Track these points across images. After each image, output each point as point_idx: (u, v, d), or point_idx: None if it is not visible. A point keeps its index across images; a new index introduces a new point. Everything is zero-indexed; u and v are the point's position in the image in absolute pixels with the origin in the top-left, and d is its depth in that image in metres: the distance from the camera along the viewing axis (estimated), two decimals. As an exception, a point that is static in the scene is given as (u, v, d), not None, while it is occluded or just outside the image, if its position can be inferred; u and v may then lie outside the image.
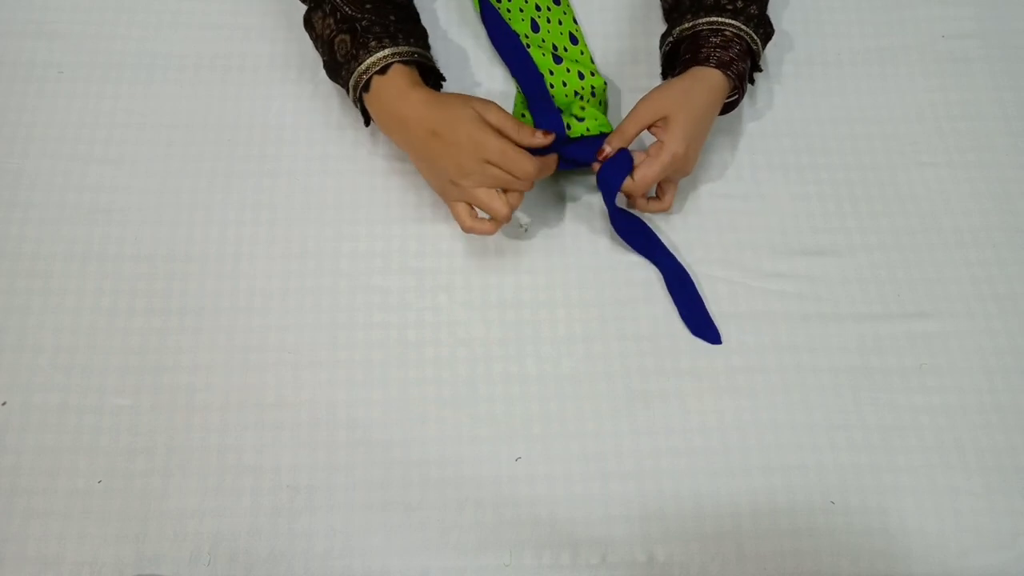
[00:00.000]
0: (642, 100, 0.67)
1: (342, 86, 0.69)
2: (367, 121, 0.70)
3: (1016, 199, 0.74)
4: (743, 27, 0.68)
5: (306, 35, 0.75)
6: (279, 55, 0.77)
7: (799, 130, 0.76)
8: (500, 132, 0.63)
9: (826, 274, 0.71)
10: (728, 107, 0.70)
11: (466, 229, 0.66)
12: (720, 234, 0.72)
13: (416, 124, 0.65)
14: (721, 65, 0.67)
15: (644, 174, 0.66)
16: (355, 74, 0.66)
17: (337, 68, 0.68)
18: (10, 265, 0.68)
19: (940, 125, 0.77)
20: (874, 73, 0.79)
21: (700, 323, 0.68)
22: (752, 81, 0.74)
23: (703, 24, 0.68)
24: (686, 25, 0.69)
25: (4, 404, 0.64)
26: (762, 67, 0.73)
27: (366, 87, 0.65)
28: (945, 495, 0.63)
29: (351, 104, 0.74)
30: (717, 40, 0.68)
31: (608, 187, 0.67)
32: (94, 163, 0.72)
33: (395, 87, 0.65)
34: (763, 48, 0.71)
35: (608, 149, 0.66)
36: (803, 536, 0.62)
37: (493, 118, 0.64)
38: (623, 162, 0.66)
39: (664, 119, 0.66)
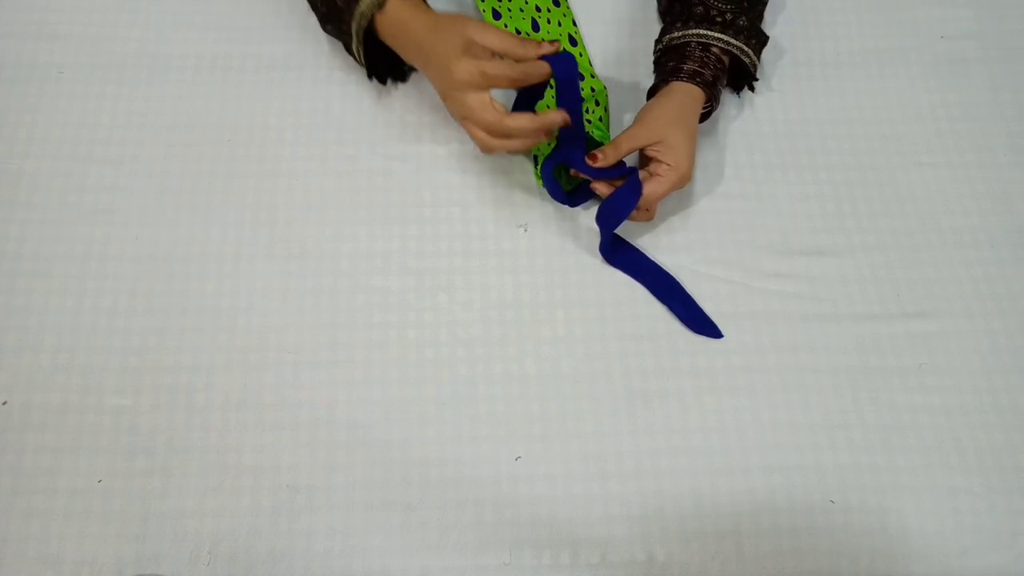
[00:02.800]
0: (639, 123, 0.67)
1: (343, 35, 0.69)
2: (382, 79, 0.74)
3: (1015, 199, 0.74)
4: (732, 40, 0.69)
5: (306, 36, 0.75)
6: (279, 56, 0.77)
7: (799, 130, 0.76)
8: (503, 51, 0.62)
9: (826, 274, 0.71)
10: (702, 117, 0.71)
11: (486, 149, 0.65)
12: (720, 234, 0.72)
13: (417, 54, 0.66)
14: (703, 84, 0.68)
15: (653, 190, 0.66)
16: (355, 17, 0.66)
17: (340, 14, 0.68)
18: (11, 265, 0.68)
19: (939, 126, 0.77)
20: (873, 74, 0.79)
21: (699, 322, 0.68)
22: (752, 89, 0.75)
23: (692, 36, 0.69)
24: (676, 35, 0.70)
25: (4, 404, 0.64)
26: (758, 76, 0.74)
27: (372, 22, 0.67)
28: (945, 494, 0.63)
29: (351, 105, 0.75)
30: (701, 55, 0.69)
31: (618, 212, 0.66)
32: (95, 163, 0.72)
33: (394, 20, 0.66)
34: (758, 57, 0.71)
35: (601, 158, 0.66)
36: (803, 535, 0.62)
37: (493, 40, 0.62)
38: (635, 188, 0.66)
39: (661, 141, 0.66)
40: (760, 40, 0.71)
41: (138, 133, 0.74)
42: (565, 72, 0.62)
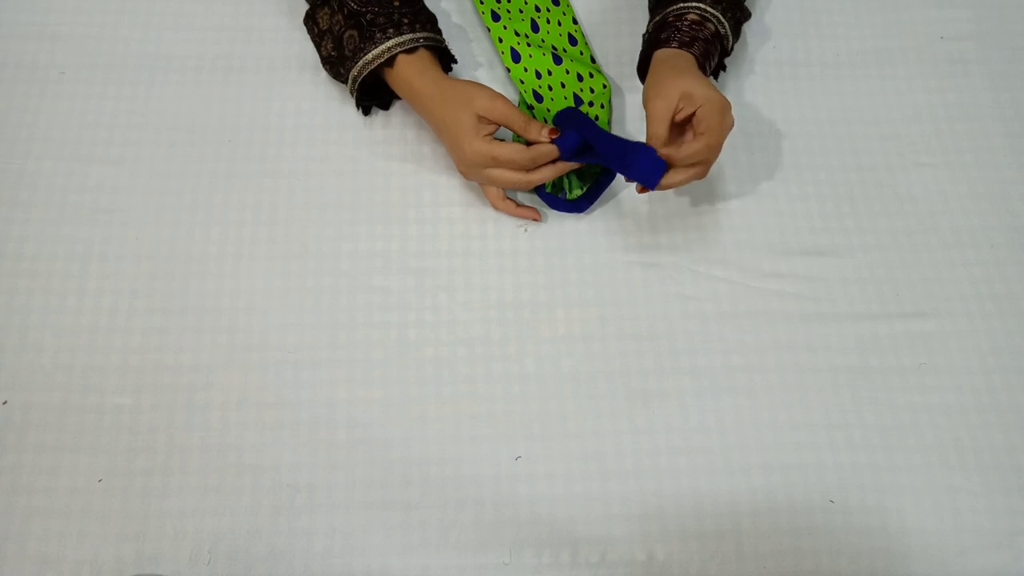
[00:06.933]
0: (651, 100, 0.64)
1: (344, 80, 0.71)
2: (366, 111, 0.74)
3: (1014, 199, 0.74)
4: (708, 9, 0.68)
5: (307, 36, 0.75)
6: (279, 56, 0.78)
7: (798, 130, 0.76)
8: (507, 126, 0.66)
9: (825, 274, 0.71)
10: None
11: (496, 208, 0.71)
12: (720, 234, 0.72)
13: (427, 116, 0.70)
14: (696, 54, 0.67)
15: (710, 143, 0.63)
16: (358, 65, 0.68)
17: (344, 62, 0.69)
18: (11, 265, 0.68)
19: (938, 126, 0.77)
20: (873, 74, 0.80)
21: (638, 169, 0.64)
22: (723, 68, 0.74)
23: (671, 11, 0.68)
24: (657, 19, 0.70)
25: (5, 403, 0.64)
26: (730, 50, 0.73)
27: (380, 73, 0.69)
28: (944, 494, 0.63)
29: (352, 104, 0.75)
30: (690, 27, 0.68)
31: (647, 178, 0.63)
32: (95, 164, 0.72)
33: (402, 79, 0.68)
34: (733, 33, 0.70)
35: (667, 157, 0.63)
36: (802, 535, 0.62)
37: (499, 115, 0.65)
38: (658, 165, 0.63)
39: (680, 97, 0.63)
40: (735, 16, 0.70)
41: (138, 133, 0.74)
42: (571, 147, 0.66)
